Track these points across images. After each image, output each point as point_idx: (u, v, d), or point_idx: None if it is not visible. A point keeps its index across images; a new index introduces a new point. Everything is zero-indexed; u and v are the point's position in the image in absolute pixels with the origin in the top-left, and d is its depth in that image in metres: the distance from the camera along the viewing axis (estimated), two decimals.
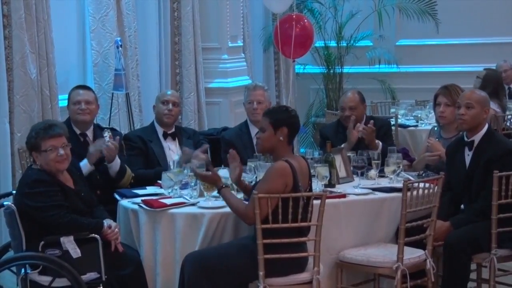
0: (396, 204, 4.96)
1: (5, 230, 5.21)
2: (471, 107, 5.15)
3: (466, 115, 5.15)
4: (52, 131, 4.67)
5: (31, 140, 4.68)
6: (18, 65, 6.11)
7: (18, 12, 6.07)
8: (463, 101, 5.19)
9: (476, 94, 5.28)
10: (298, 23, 8.47)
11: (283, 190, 4.48)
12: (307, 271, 4.61)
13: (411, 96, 9.72)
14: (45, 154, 4.64)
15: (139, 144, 5.93)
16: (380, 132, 6.19)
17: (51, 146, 4.64)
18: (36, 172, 4.67)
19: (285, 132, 4.65)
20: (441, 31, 10.22)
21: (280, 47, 8.60)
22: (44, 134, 4.65)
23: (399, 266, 4.73)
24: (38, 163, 4.68)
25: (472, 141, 5.18)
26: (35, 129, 4.72)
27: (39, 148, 4.65)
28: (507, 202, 5.04)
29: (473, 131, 5.18)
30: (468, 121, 5.16)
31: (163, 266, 4.79)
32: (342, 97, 6.40)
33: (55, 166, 4.67)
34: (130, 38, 7.43)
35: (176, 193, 5.06)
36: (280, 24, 8.47)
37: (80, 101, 5.58)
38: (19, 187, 4.72)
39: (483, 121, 5.18)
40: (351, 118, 6.11)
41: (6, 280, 5.30)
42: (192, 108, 8.17)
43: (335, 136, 6.22)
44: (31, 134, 4.70)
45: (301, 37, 8.47)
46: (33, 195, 4.57)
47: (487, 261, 5.04)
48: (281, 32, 8.41)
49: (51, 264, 4.45)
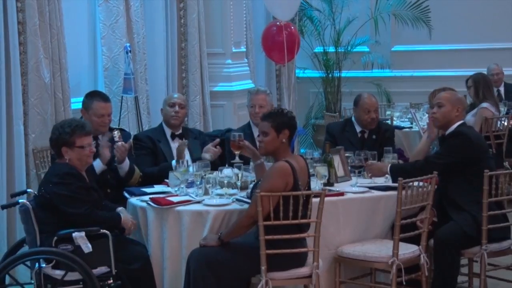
0: (392, 202, 4.94)
1: (20, 226, 5.21)
2: (441, 106, 5.23)
3: (437, 113, 5.25)
4: (88, 129, 4.80)
5: (65, 136, 4.70)
6: (32, 70, 6.11)
7: (32, 20, 6.07)
8: (435, 101, 5.33)
9: (448, 94, 5.36)
10: (286, 29, 8.40)
11: (283, 188, 4.47)
12: (306, 265, 4.60)
13: (406, 99, 9.71)
14: (79, 150, 4.71)
15: (148, 144, 5.93)
16: (384, 136, 6.20)
17: (87, 143, 4.74)
18: (66, 166, 4.69)
19: (286, 134, 4.66)
20: (434, 38, 10.23)
21: (268, 53, 8.56)
22: (80, 131, 4.73)
23: (395, 261, 4.73)
24: (67, 157, 4.69)
25: (444, 135, 5.28)
26: (69, 126, 4.74)
27: (73, 144, 4.69)
28: (497, 200, 5.04)
29: (445, 127, 5.26)
30: (439, 119, 5.25)
31: (170, 261, 4.78)
32: (365, 100, 6.17)
33: (86, 161, 4.79)
34: (139, 44, 7.42)
35: (182, 191, 5.06)
36: (267, 30, 8.44)
37: (103, 115, 5.55)
38: (48, 178, 4.72)
39: (455, 118, 5.23)
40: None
41: (21, 274, 5.29)
42: (197, 111, 8.16)
43: (341, 135, 6.24)
44: (64, 131, 4.71)
45: (289, 43, 8.38)
46: (64, 185, 4.60)
47: (478, 256, 5.03)
48: (270, 38, 8.37)
49: (64, 259, 4.46)
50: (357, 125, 6.27)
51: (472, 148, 5.11)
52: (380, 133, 6.23)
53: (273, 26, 8.46)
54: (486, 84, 7.97)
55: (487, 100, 7.86)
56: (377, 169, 5.45)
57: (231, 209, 4.78)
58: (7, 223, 5.97)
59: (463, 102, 5.44)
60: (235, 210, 4.76)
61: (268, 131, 4.66)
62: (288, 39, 8.27)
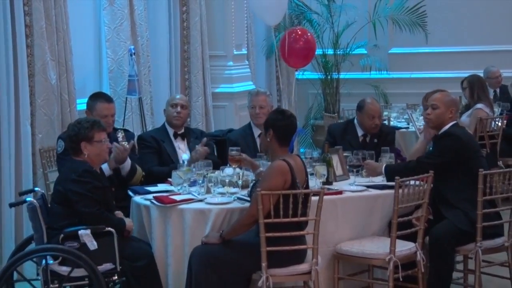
0: (389, 200, 4.95)
1: (27, 224, 5.23)
2: (436, 107, 5.24)
3: (431, 114, 5.26)
4: (103, 125, 4.84)
5: (84, 131, 4.70)
6: (39, 72, 6.13)
7: (39, 23, 6.09)
8: (430, 103, 5.33)
9: (442, 96, 5.34)
10: (302, 36, 8.41)
11: (282, 186, 4.49)
12: (306, 262, 4.61)
13: (403, 100, 9.71)
14: (98, 144, 4.73)
15: (153, 144, 5.94)
16: (386, 138, 6.19)
17: (104, 138, 4.78)
18: (84, 164, 4.70)
19: (271, 134, 4.66)
20: (430, 41, 10.23)
21: (286, 58, 8.53)
22: (98, 127, 4.76)
23: (392, 257, 4.74)
24: (86, 153, 4.70)
25: (437, 135, 5.28)
26: (87, 122, 4.77)
27: (92, 138, 4.71)
28: (491, 199, 5.06)
29: (438, 128, 5.26)
30: (433, 120, 5.26)
31: (173, 257, 4.79)
32: (369, 106, 6.09)
33: (104, 156, 4.83)
34: (143, 47, 7.44)
35: (185, 190, 5.07)
36: (286, 36, 8.43)
37: (107, 115, 5.56)
38: (65, 174, 4.73)
39: (449, 119, 5.24)
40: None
41: (28, 270, 5.31)
42: (200, 111, 8.18)
43: (342, 136, 6.22)
44: (83, 126, 4.72)
45: (305, 50, 8.39)
46: (81, 183, 4.60)
47: (473, 253, 5.04)
48: (288, 43, 8.35)
49: (70, 256, 4.47)
50: (360, 129, 6.23)
51: (462, 147, 5.12)
52: (382, 136, 6.19)
53: (291, 33, 8.44)
54: (481, 85, 7.98)
55: (482, 101, 7.88)
56: (372, 169, 5.46)
57: (232, 207, 4.79)
58: (15, 221, 5.99)
59: (457, 103, 5.46)
60: (236, 208, 4.78)
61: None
62: (305, 45, 8.31)
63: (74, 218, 4.60)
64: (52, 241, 4.57)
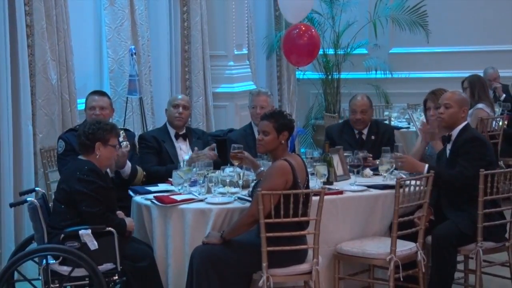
0: (390, 200, 4.95)
1: (28, 224, 5.22)
2: (449, 107, 5.19)
3: (444, 113, 5.21)
4: (119, 132, 4.87)
5: (103, 133, 4.70)
6: (40, 72, 6.12)
7: (40, 23, 6.08)
8: (443, 102, 5.26)
9: (455, 95, 5.30)
10: (306, 32, 8.33)
11: (283, 186, 4.49)
12: (306, 262, 4.61)
13: (403, 100, 9.70)
14: (111, 149, 4.74)
15: (154, 144, 5.93)
16: (384, 137, 6.16)
17: (116, 144, 4.80)
18: (89, 163, 4.68)
19: (286, 136, 4.69)
20: (430, 40, 10.22)
21: (287, 55, 8.48)
22: (116, 132, 4.79)
23: (392, 257, 4.73)
24: (98, 154, 4.68)
25: (450, 135, 5.23)
26: (107, 124, 4.78)
27: (108, 141, 4.71)
28: (492, 199, 5.04)
29: (451, 127, 5.22)
30: (446, 119, 5.21)
31: (174, 257, 4.79)
32: (353, 101, 6.17)
33: (112, 162, 4.87)
34: (143, 47, 7.43)
35: (185, 190, 5.06)
36: (288, 33, 8.39)
37: (94, 107, 5.56)
38: (70, 172, 4.71)
39: (461, 119, 5.21)
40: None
41: (29, 270, 5.29)
42: (200, 111, 8.17)
43: (340, 137, 6.20)
44: (102, 127, 4.72)
45: (309, 46, 8.30)
46: (86, 182, 4.58)
47: (474, 253, 5.03)
48: (289, 40, 8.31)
49: (70, 256, 4.47)
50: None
51: (491, 150, 5.16)
52: (378, 134, 6.19)
53: (294, 29, 8.34)
54: (481, 85, 7.98)
55: (483, 101, 7.88)
56: (412, 166, 5.27)
57: (233, 207, 4.78)
58: (15, 221, 5.98)
59: (468, 102, 5.40)
60: (237, 208, 4.77)
61: (269, 131, 4.68)
62: (309, 41, 8.23)
63: (77, 218, 4.60)
64: (53, 241, 4.56)
